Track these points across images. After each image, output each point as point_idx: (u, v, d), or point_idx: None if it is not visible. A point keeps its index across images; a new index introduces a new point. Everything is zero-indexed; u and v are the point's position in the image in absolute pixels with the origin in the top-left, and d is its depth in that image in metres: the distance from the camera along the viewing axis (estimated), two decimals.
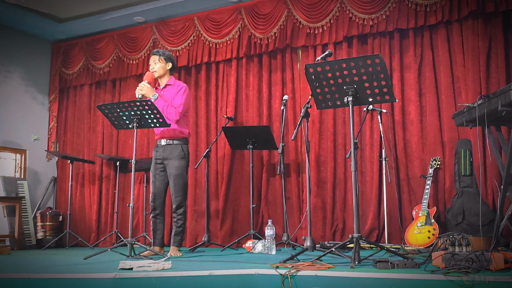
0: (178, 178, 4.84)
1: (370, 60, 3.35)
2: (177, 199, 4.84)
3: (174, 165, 4.84)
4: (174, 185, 4.84)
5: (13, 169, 7.59)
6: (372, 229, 5.60)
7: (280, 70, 6.47)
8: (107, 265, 3.69)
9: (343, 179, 5.91)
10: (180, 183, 4.85)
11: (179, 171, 4.85)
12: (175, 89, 4.93)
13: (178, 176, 4.84)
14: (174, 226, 4.89)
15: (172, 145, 4.88)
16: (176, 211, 4.85)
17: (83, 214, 7.58)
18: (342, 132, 5.99)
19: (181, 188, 4.85)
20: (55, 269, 3.48)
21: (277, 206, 6.22)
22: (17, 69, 7.67)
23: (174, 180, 4.84)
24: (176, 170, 4.84)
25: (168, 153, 4.87)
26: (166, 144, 4.88)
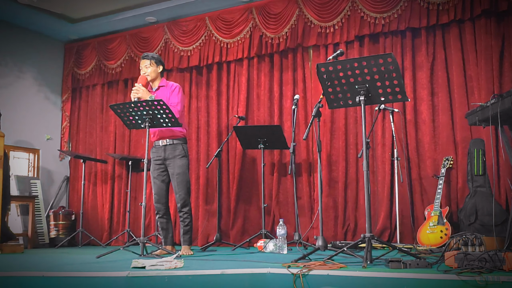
0: (181, 177, 4.85)
1: (382, 59, 3.35)
2: (182, 197, 4.85)
3: (176, 164, 4.85)
4: (177, 183, 4.84)
5: (27, 169, 7.66)
6: (384, 229, 5.58)
7: (292, 69, 6.47)
8: (119, 263, 3.72)
9: (355, 178, 5.90)
10: (184, 181, 4.86)
11: (181, 169, 4.86)
12: (168, 90, 4.93)
13: (181, 175, 4.85)
14: (182, 225, 4.90)
15: (173, 144, 4.88)
16: (182, 210, 4.86)
17: (96, 213, 7.63)
18: (353, 132, 5.98)
19: (184, 186, 4.86)
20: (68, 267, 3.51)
21: (289, 205, 6.22)
22: (30, 69, 7.74)
23: (177, 178, 4.84)
24: (179, 168, 4.85)
25: (168, 152, 4.87)
26: (166, 144, 4.89)
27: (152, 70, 4.94)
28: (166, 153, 4.87)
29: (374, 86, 3.45)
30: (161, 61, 5.03)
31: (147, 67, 4.93)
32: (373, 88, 3.46)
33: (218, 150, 6.07)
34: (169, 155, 4.86)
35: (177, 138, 4.90)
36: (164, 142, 4.89)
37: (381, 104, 5.18)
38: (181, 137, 4.93)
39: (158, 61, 5.00)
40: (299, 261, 3.34)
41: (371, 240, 3.27)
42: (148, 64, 4.93)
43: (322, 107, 4.42)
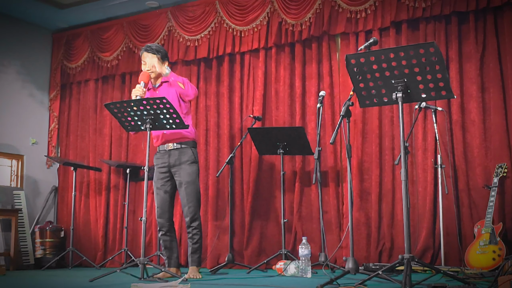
0: (191, 186, 4.88)
1: (423, 49, 3.34)
2: (191, 210, 4.87)
3: (185, 172, 4.88)
4: (186, 194, 4.87)
5: (9, 177, 7.75)
6: (425, 249, 5.54)
7: (316, 61, 6.46)
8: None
9: (391, 189, 5.87)
10: (193, 191, 4.89)
11: (191, 177, 4.89)
12: (173, 84, 4.95)
13: (190, 184, 4.88)
14: (190, 242, 4.93)
15: (181, 149, 4.92)
16: (191, 225, 4.89)
17: (88, 230, 7.68)
18: (389, 134, 5.95)
19: (194, 197, 4.89)
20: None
21: (313, 221, 6.20)
22: (13, 62, 7.83)
23: (186, 188, 4.87)
24: (188, 176, 4.88)
25: (176, 158, 4.91)
26: (173, 148, 4.92)
27: (159, 67, 4.97)
28: (173, 158, 4.90)
29: (414, 81, 3.44)
30: (166, 55, 5.07)
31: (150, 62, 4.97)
32: (413, 83, 3.45)
33: (230, 156, 6.08)
34: (176, 161, 4.89)
35: (185, 142, 4.93)
36: (170, 146, 4.93)
37: (422, 101, 5.16)
38: (190, 140, 4.95)
39: (164, 55, 5.04)
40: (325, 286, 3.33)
41: (410, 262, 3.25)
42: (151, 59, 4.96)
43: (352, 105, 4.41)
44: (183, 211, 4.95)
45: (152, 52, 4.97)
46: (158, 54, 4.97)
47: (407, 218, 3.38)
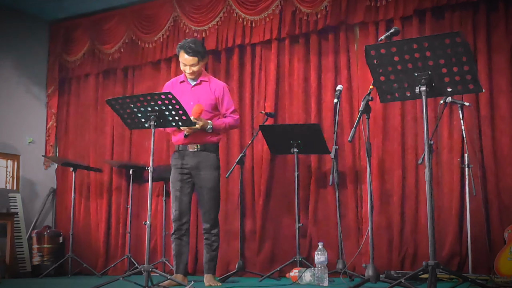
0: (212, 192, 4.99)
1: (449, 39, 3.33)
2: (211, 217, 4.99)
3: (208, 177, 4.98)
4: (207, 200, 4.97)
5: (4, 179, 7.79)
6: (451, 255, 5.52)
7: (333, 53, 6.45)
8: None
9: (414, 191, 5.85)
10: (215, 197, 5.01)
11: (213, 183, 5.00)
12: (212, 89, 5.07)
13: (212, 190, 4.99)
14: (208, 249, 5.03)
15: (205, 152, 5.00)
16: (210, 231, 5.00)
17: (89, 235, 7.71)
18: (412, 132, 5.93)
19: (215, 203, 5.01)
20: None
21: (330, 225, 6.20)
22: (8, 56, 7.87)
23: (207, 194, 4.98)
24: (210, 182, 4.98)
25: (199, 161, 4.98)
26: (196, 150, 4.99)
27: (199, 68, 5.05)
28: (194, 161, 4.99)
29: (439, 74, 3.43)
30: (206, 53, 5.13)
31: (193, 66, 5.02)
32: (437, 76, 3.44)
33: (240, 155, 6.08)
34: (200, 164, 4.98)
35: (210, 144, 5.02)
36: (193, 148, 4.99)
37: (447, 96, 5.13)
38: (214, 143, 5.04)
39: (204, 53, 5.09)
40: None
41: (435, 269, 3.24)
42: (195, 63, 5.01)
43: (372, 100, 4.40)
44: (203, 218, 5.05)
45: (193, 55, 4.98)
46: (199, 55, 5.00)
47: (431, 222, 3.37)
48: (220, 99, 5.08)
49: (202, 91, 5.06)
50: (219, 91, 5.08)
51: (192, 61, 4.98)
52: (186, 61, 4.99)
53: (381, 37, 4.24)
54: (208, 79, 5.14)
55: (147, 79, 7.59)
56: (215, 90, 5.08)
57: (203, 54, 5.03)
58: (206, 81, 5.12)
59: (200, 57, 5.00)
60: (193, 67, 5.00)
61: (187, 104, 4.97)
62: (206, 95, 5.05)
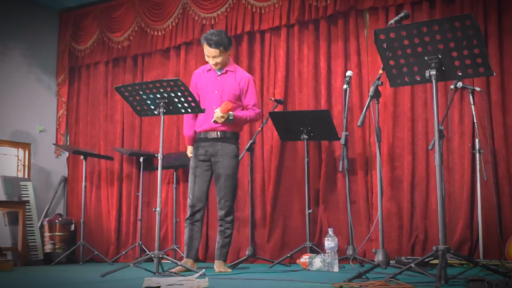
0: (230, 180, 5.05)
1: (459, 22, 3.29)
2: (227, 204, 5.04)
3: (226, 164, 5.03)
4: (224, 187, 5.02)
5: (15, 168, 7.83)
6: (462, 241, 5.51)
7: (342, 39, 6.42)
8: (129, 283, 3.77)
9: (425, 177, 5.83)
10: (232, 185, 5.06)
11: (231, 171, 5.05)
12: (237, 79, 5.10)
13: (229, 177, 5.04)
14: (221, 236, 5.08)
15: (225, 139, 5.04)
16: (225, 218, 5.06)
17: (100, 222, 7.75)
18: (422, 117, 5.91)
19: (231, 191, 5.06)
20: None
21: (340, 212, 6.19)
22: (18, 45, 7.89)
23: (225, 181, 5.02)
24: (228, 169, 5.03)
25: (218, 148, 5.03)
26: (216, 137, 5.02)
27: (222, 59, 5.04)
28: (214, 148, 5.04)
29: (449, 57, 3.40)
30: (230, 43, 5.10)
31: (216, 58, 5.01)
32: (448, 59, 3.41)
33: (250, 142, 6.07)
34: (219, 152, 5.03)
35: (231, 132, 5.06)
36: (214, 135, 5.02)
37: (458, 80, 5.10)
38: (236, 132, 5.10)
39: (228, 44, 5.05)
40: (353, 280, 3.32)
41: (446, 254, 3.22)
42: (218, 54, 5.00)
43: (381, 85, 4.35)
44: (218, 204, 5.09)
45: (216, 47, 4.95)
46: (221, 47, 4.97)
47: (442, 208, 3.35)
48: (244, 91, 5.11)
49: (227, 81, 5.08)
50: (244, 82, 5.11)
51: (214, 52, 4.97)
52: (209, 53, 5.00)
53: (390, 21, 4.20)
54: (234, 69, 5.15)
55: (156, 67, 7.60)
56: (240, 81, 5.10)
57: (226, 46, 5.00)
58: (232, 71, 5.13)
59: (223, 48, 4.98)
60: (216, 59, 5.00)
61: (211, 92, 5.01)
62: (231, 85, 5.07)
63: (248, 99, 5.13)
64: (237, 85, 5.09)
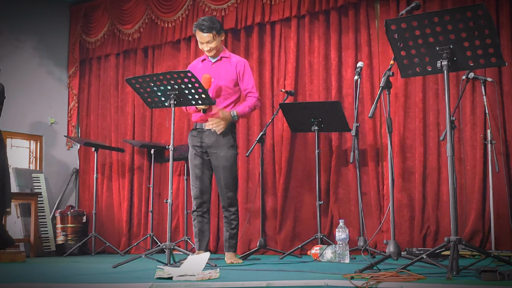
0: (229, 170, 4.99)
1: (471, 12, 3.27)
2: (229, 195, 5.00)
3: (223, 155, 4.98)
4: (224, 178, 4.98)
5: (27, 159, 7.88)
6: (474, 232, 5.49)
7: (353, 30, 6.40)
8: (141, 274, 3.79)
9: (436, 168, 5.82)
10: (232, 175, 5.01)
11: (229, 161, 5.00)
12: (233, 65, 5.06)
13: (228, 168, 4.99)
14: (227, 228, 5.06)
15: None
16: (228, 209, 5.02)
17: (112, 214, 7.79)
18: (434, 108, 5.88)
19: (232, 181, 5.01)
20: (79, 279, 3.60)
21: (351, 203, 6.19)
22: (29, 38, 7.92)
23: (224, 172, 4.98)
24: (226, 160, 4.98)
25: (214, 140, 4.98)
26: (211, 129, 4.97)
27: (216, 43, 5.02)
28: (210, 139, 4.99)
29: (461, 47, 3.38)
30: (222, 27, 5.09)
31: (210, 43, 4.99)
32: (459, 49, 3.39)
33: (260, 134, 6.07)
34: (215, 143, 4.98)
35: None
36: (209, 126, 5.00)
37: (470, 71, 5.07)
38: (233, 122, 5.03)
39: (219, 29, 5.04)
40: (365, 271, 3.32)
41: (457, 245, 3.21)
42: (211, 39, 4.98)
43: (392, 75, 4.34)
44: (221, 196, 5.08)
45: (208, 31, 4.94)
46: (214, 30, 4.96)
47: (453, 198, 3.34)
48: (241, 74, 5.06)
49: (223, 67, 5.06)
50: (240, 66, 5.07)
51: (207, 37, 4.95)
52: (203, 39, 4.97)
53: (401, 12, 4.19)
54: (228, 55, 5.13)
55: (167, 58, 7.60)
56: (236, 65, 5.07)
57: (218, 30, 4.99)
58: (227, 57, 5.11)
59: (216, 32, 4.96)
60: (210, 44, 4.97)
61: None
62: (227, 71, 5.04)
63: (246, 83, 5.06)
64: (234, 69, 5.05)
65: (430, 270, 3.47)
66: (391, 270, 3.22)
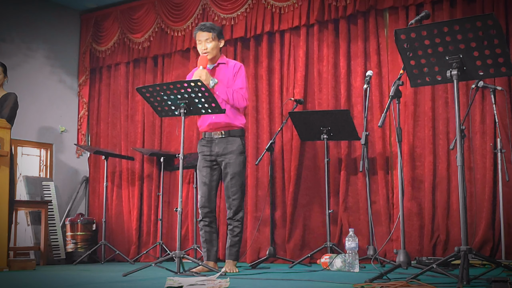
0: (236, 178, 4.98)
1: (481, 22, 3.27)
2: (235, 203, 4.97)
3: (232, 162, 4.97)
4: (231, 185, 4.97)
5: (37, 168, 7.91)
6: (484, 241, 5.47)
7: (362, 39, 6.40)
8: (151, 283, 3.79)
9: (446, 177, 5.80)
10: (239, 183, 4.99)
11: (237, 168, 4.98)
12: (230, 69, 5.05)
13: (236, 175, 4.98)
14: (230, 235, 5.03)
15: (229, 138, 5.00)
16: (233, 217, 4.99)
17: (121, 222, 7.80)
18: (443, 117, 5.87)
19: (239, 189, 4.98)
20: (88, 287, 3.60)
21: (360, 212, 6.18)
22: (41, 46, 7.98)
23: (231, 180, 4.97)
24: (234, 167, 4.97)
25: (223, 147, 4.99)
26: (221, 137, 4.99)
27: (213, 46, 5.02)
28: (220, 147, 5.00)
29: (470, 57, 3.38)
30: (222, 33, 5.12)
31: (208, 42, 5.01)
32: (469, 59, 3.39)
33: (270, 142, 6.08)
34: (224, 151, 4.99)
35: (234, 130, 5.02)
36: (218, 135, 5.02)
37: (479, 80, 5.06)
38: (238, 129, 5.05)
39: (219, 33, 5.08)
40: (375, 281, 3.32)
41: (467, 254, 3.20)
42: (210, 39, 5.00)
43: (402, 85, 4.35)
44: (227, 203, 5.06)
45: (208, 31, 4.99)
46: (213, 32, 5.00)
47: (463, 208, 3.33)
48: (235, 75, 5.03)
49: (221, 72, 5.04)
50: (236, 68, 5.04)
51: (206, 35, 4.97)
52: (201, 37, 4.99)
53: (411, 21, 4.19)
54: (226, 61, 5.11)
55: (176, 67, 7.63)
56: (233, 68, 5.05)
57: (218, 33, 5.02)
58: (224, 63, 5.09)
59: (215, 34, 4.99)
60: (207, 43, 4.97)
61: None
62: (225, 76, 5.02)
63: (237, 83, 5.00)
64: (231, 73, 5.03)
65: (440, 280, 3.46)
66: (401, 280, 3.21)
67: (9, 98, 5.88)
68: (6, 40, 7.58)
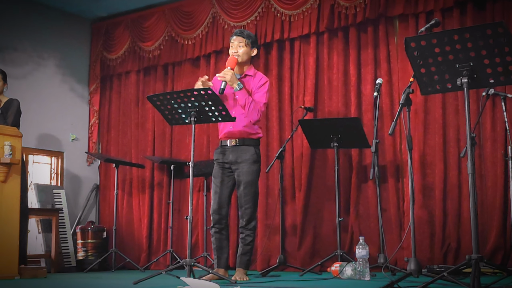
0: (250, 186, 4.99)
1: (491, 30, 3.28)
2: (248, 211, 4.97)
3: (246, 170, 4.98)
4: (244, 194, 4.98)
5: (48, 175, 7.96)
6: (496, 250, 5.45)
7: (372, 46, 6.41)
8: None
9: (457, 184, 5.78)
10: (252, 191, 4.99)
11: (251, 177, 4.99)
12: (256, 83, 5.06)
13: (249, 184, 4.98)
14: (242, 243, 5.02)
15: (243, 146, 5.01)
16: (246, 226, 4.98)
17: (132, 230, 7.83)
18: (454, 124, 5.86)
19: (252, 197, 4.99)
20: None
21: (371, 219, 6.17)
22: (52, 55, 8.03)
23: (244, 188, 4.98)
24: (247, 176, 4.98)
25: (236, 156, 5.00)
26: (236, 145, 5.01)
27: (245, 52, 5.04)
28: (235, 155, 5.01)
29: (481, 65, 3.38)
30: (257, 43, 5.13)
31: (240, 47, 5.03)
32: (479, 67, 3.39)
33: (280, 150, 6.09)
34: (238, 159, 5.00)
35: (249, 139, 5.03)
36: (233, 143, 5.02)
37: (490, 87, 5.05)
38: (254, 139, 5.07)
39: (255, 42, 5.09)
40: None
41: (479, 263, 3.20)
42: (243, 44, 5.03)
43: (412, 93, 4.36)
44: (239, 211, 5.07)
45: (242, 36, 5.02)
46: (248, 38, 5.02)
47: (474, 215, 3.32)
48: (257, 87, 5.03)
49: (246, 84, 5.02)
50: (262, 81, 5.05)
51: (240, 39, 5.00)
52: (235, 40, 5.02)
53: (421, 29, 4.20)
54: (253, 74, 5.10)
55: (187, 75, 7.66)
56: (258, 80, 5.06)
57: (253, 41, 5.04)
58: (251, 76, 5.08)
59: (249, 40, 5.00)
60: (239, 47, 4.99)
61: (230, 95, 4.99)
62: (249, 87, 5.02)
63: (258, 97, 4.98)
64: (256, 85, 5.04)
65: None
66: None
67: (12, 105, 5.92)
68: (18, 49, 7.64)
